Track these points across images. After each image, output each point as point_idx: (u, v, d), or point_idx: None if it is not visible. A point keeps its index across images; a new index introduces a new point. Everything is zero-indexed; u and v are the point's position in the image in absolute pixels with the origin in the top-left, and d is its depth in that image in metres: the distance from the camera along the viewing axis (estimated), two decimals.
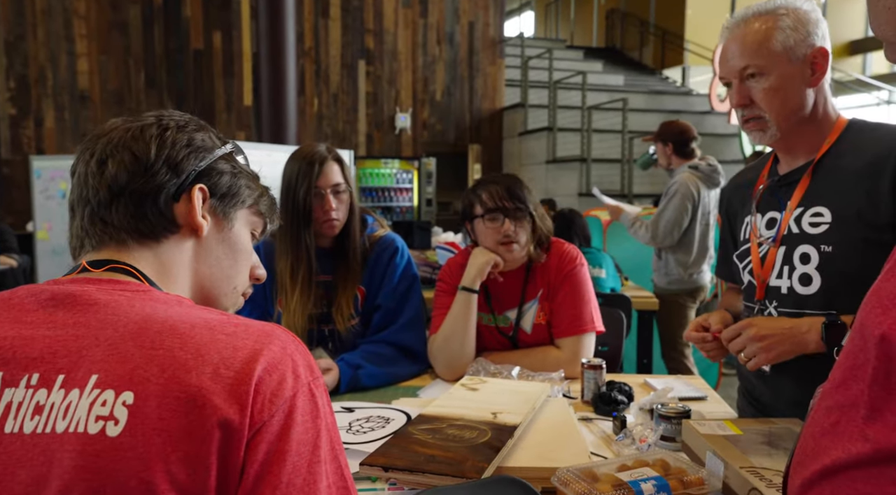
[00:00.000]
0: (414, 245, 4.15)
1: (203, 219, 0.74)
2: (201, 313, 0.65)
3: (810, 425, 0.55)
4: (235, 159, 0.79)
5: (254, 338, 0.61)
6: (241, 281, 0.81)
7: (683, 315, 3.24)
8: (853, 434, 0.48)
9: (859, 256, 1.11)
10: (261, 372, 0.58)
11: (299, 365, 0.62)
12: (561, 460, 1.05)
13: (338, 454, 0.63)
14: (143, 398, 0.56)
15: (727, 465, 0.98)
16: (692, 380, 1.68)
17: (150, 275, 0.71)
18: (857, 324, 0.52)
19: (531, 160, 8.15)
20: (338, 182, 1.63)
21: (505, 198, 1.63)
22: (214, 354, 0.59)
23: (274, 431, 0.57)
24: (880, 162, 1.11)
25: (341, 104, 8.25)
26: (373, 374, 1.58)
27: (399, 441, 1.08)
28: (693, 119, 8.43)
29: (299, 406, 0.59)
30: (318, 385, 0.63)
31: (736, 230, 1.39)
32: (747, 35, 1.18)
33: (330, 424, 0.63)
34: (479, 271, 1.64)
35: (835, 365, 0.55)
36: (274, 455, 0.57)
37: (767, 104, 1.18)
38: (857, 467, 0.47)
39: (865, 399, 0.47)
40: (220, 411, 0.56)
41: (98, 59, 7.33)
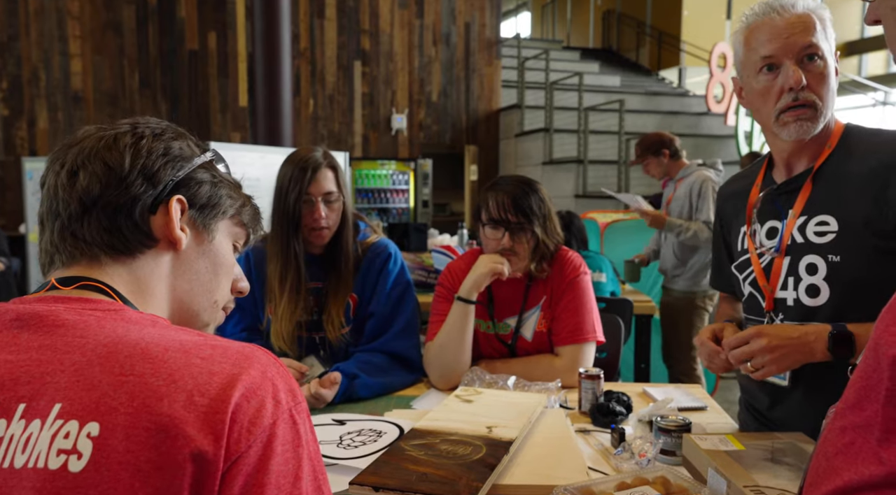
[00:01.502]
0: (410, 247, 4.13)
1: (182, 231, 0.70)
2: (176, 335, 0.61)
3: (823, 444, 0.54)
4: (215, 168, 0.75)
5: (231, 362, 0.57)
6: (222, 295, 0.76)
7: (700, 317, 3.27)
8: (866, 455, 0.47)
9: (869, 265, 1.08)
10: (238, 399, 0.55)
11: (280, 389, 0.58)
12: (558, 477, 1.02)
13: (321, 484, 0.59)
14: (110, 429, 0.52)
15: (730, 483, 0.95)
16: (691, 389, 1.64)
17: (124, 292, 0.67)
18: (871, 342, 0.51)
19: (528, 161, 8.12)
20: (330, 190, 1.59)
21: (510, 210, 1.59)
22: (189, 380, 0.55)
23: (251, 463, 0.54)
24: (886, 168, 1.08)
25: (337, 105, 8.21)
26: (368, 385, 1.54)
27: (391, 457, 1.05)
28: (689, 120, 8.44)
29: (279, 434, 0.56)
30: (299, 410, 0.59)
31: (730, 240, 1.36)
32: (804, 17, 1.12)
33: (312, 452, 0.59)
34: (475, 283, 1.60)
35: (848, 384, 0.53)
36: (252, 488, 0.53)
37: (823, 90, 1.13)
38: (870, 489, 0.46)
39: (880, 420, 0.46)
40: (192, 442, 0.52)
41: (92, 59, 7.27)
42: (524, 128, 8.26)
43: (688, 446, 1.12)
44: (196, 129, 3.65)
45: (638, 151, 3.44)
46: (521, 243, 1.60)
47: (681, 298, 3.28)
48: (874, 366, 0.49)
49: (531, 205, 1.60)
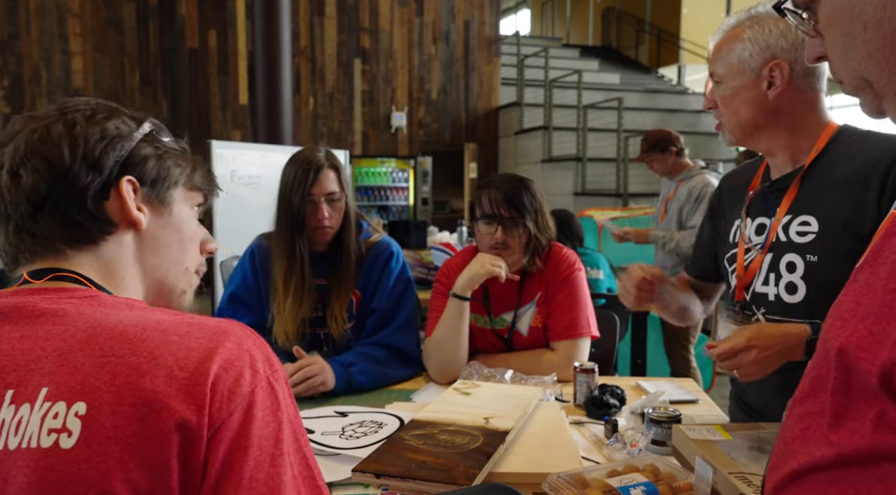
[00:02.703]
0: (410, 244, 4.17)
1: (139, 211, 0.70)
2: (153, 315, 0.63)
3: (783, 431, 0.58)
4: (158, 138, 0.74)
5: (208, 337, 0.60)
6: (192, 260, 0.78)
7: None
8: (819, 439, 0.50)
9: (843, 267, 1.10)
10: (217, 371, 0.58)
11: (257, 359, 0.61)
12: (552, 466, 1.06)
13: (302, 445, 0.62)
14: (97, 407, 0.56)
15: (716, 471, 0.99)
16: (684, 383, 1.69)
17: (96, 278, 0.68)
18: (821, 337, 0.55)
19: (527, 159, 8.16)
20: (333, 190, 1.64)
21: (503, 205, 1.63)
22: (168, 357, 0.58)
23: (234, 428, 0.57)
24: (868, 171, 1.11)
25: (337, 103, 8.24)
26: (365, 371, 1.58)
27: (391, 447, 1.09)
28: (688, 118, 8.47)
29: (259, 401, 0.59)
30: (277, 378, 0.62)
31: (722, 230, 1.39)
32: (718, 43, 1.24)
33: (292, 415, 0.62)
34: (469, 281, 1.63)
35: (804, 375, 0.57)
36: (235, 451, 0.57)
37: (723, 111, 1.25)
38: (821, 470, 0.49)
39: (829, 407, 0.50)
40: (176, 414, 0.55)
41: (92, 57, 7.30)
42: (523, 126, 8.29)
43: (677, 436, 1.16)
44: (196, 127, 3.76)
45: (644, 147, 3.44)
46: (514, 237, 1.65)
47: None
48: (823, 357, 0.52)
49: (523, 201, 1.65)
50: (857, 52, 0.55)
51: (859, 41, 0.55)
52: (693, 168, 3.28)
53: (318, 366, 1.52)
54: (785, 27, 1.15)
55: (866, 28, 0.53)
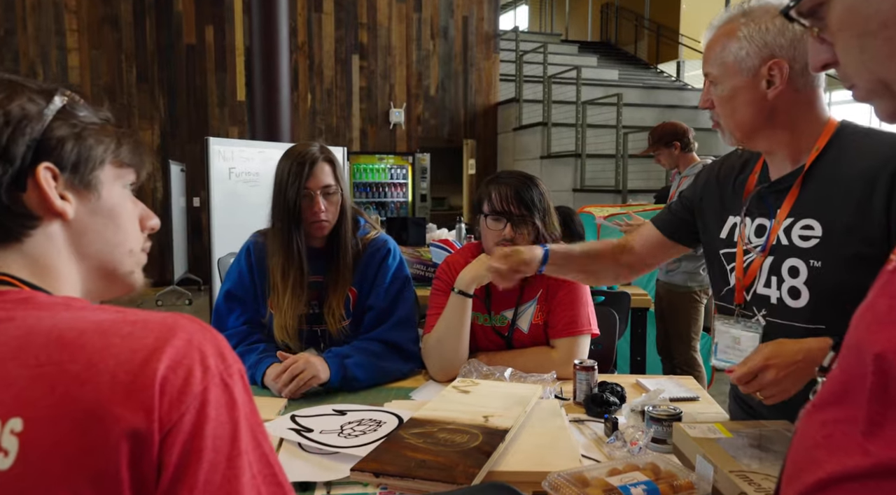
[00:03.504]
0: (408, 241, 4.15)
1: (63, 200, 0.63)
2: (93, 315, 0.58)
3: (802, 439, 0.55)
4: (73, 113, 0.65)
5: (154, 335, 0.56)
6: (134, 241, 0.71)
7: (697, 310, 3.32)
8: (850, 448, 0.48)
9: (849, 272, 1.09)
10: (164, 371, 0.54)
11: (208, 355, 0.57)
12: (552, 464, 1.05)
13: (261, 442, 0.59)
14: (34, 422, 0.51)
15: (716, 469, 0.99)
16: (684, 380, 1.68)
17: (27, 277, 0.62)
18: (850, 341, 0.53)
19: (526, 155, 8.15)
20: (328, 184, 1.63)
21: (512, 202, 1.63)
22: (109, 360, 0.53)
23: (186, 430, 0.53)
24: (874, 174, 1.07)
25: (335, 99, 8.22)
26: (361, 364, 1.56)
27: (390, 445, 1.08)
28: (687, 114, 8.44)
29: (212, 399, 0.55)
30: (231, 373, 0.58)
31: (709, 218, 1.36)
32: (711, 41, 1.20)
33: (249, 413, 0.58)
34: (474, 278, 1.62)
35: (827, 381, 0.55)
36: (189, 454, 0.53)
37: (721, 111, 1.21)
38: (854, 480, 0.47)
39: (864, 414, 0.48)
40: (123, 421, 0.52)
41: (89, 54, 7.28)
42: (522, 122, 8.28)
43: (677, 434, 1.15)
44: (194, 124, 3.75)
45: (650, 141, 3.44)
46: (522, 234, 1.64)
47: (679, 292, 3.31)
48: (855, 363, 0.50)
49: (533, 198, 1.64)
50: (877, 52, 0.53)
51: (879, 40, 0.53)
52: (697, 164, 3.26)
53: (302, 362, 1.50)
54: (782, 24, 1.11)
55: (886, 26, 0.51)
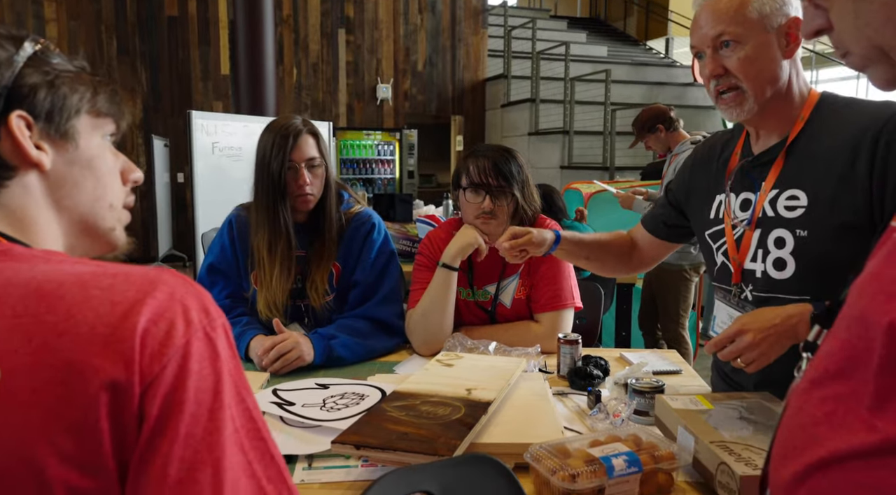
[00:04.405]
0: (395, 217, 4.13)
1: (38, 150, 0.62)
2: (72, 268, 0.57)
3: (795, 416, 0.54)
4: (46, 61, 0.63)
5: (135, 289, 0.55)
6: (115, 195, 0.69)
7: (687, 288, 3.34)
8: (855, 424, 0.46)
9: (835, 242, 1.10)
10: (145, 324, 0.53)
11: (191, 309, 0.56)
12: (534, 436, 1.05)
13: (244, 397, 0.58)
14: (11, 373, 0.51)
15: (697, 440, 0.99)
16: (667, 354, 1.69)
17: (4, 229, 0.61)
18: (854, 312, 0.51)
19: (514, 132, 8.10)
20: (312, 156, 1.60)
21: (490, 174, 1.62)
22: (89, 312, 0.53)
23: (168, 383, 0.53)
24: (856, 142, 1.07)
25: (321, 74, 8.10)
26: (347, 344, 1.56)
27: (372, 418, 1.08)
28: (675, 91, 8.44)
29: (194, 352, 0.54)
30: (215, 327, 0.57)
31: (697, 203, 1.37)
32: (721, 1, 1.14)
33: (233, 368, 0.57)
34: (460, 250, 1.62)
35: (822, 355, 0.53)
36: (170, 407, 0.53)
37: (744, 73, 1.14)
38: (859, 457, 0.46)
39: (871, 389, 0.46)
40: (102, 372, 0.51)
41: (67, 24, 7.09)
42: (510, 99, 8.21)
43: (660, 406, 1.15)
44: (177, 98, 3.66)
45: (635, 132, 3.46)
46: (502, 206, 1.63)
47: (669, 269, 3.32)
48: (860, 335, 0.48)
49: (511, 170, 1.63)
50: (874, 17, 0.52)
51: (875, 5, 0.51)
52: (684, 143, 3.27)
53: (291, 341, 1.49)
54: None
55: None
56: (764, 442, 0.96)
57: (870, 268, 0.52)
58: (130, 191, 0.72)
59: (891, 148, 1.04)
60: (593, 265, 1.56)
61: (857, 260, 0.60)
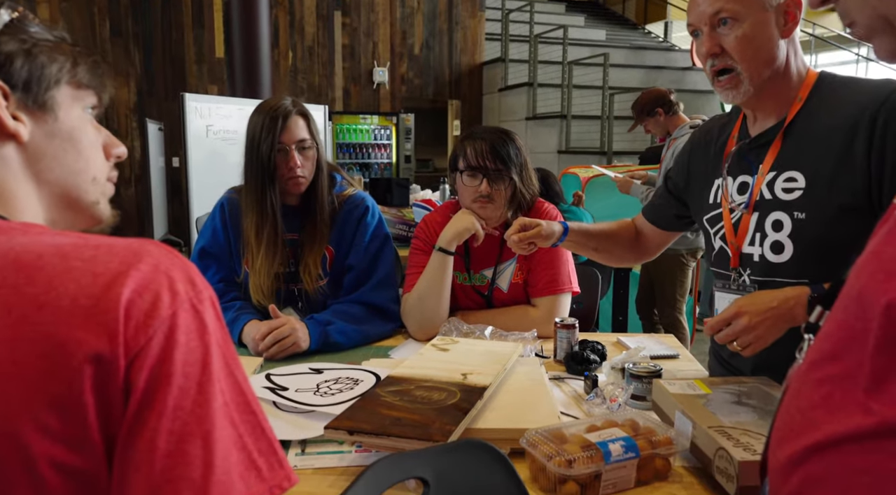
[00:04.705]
0: (392, 202, 4.10)
1: (16, 120, 0.60)
2: (53, 239, 0.55)
3: (795, 399, 0.53)
4: (23, 28, 0.62)
5: (118, 260, 0.53)
6: (98, 168, 0.67)
7: (684, 272, 3.34)
8: (851, 407, 0.46)
9: (833, 224, 1.08)
10: (129, 295, 0.51)
11: (177, 280, 0.54)
12: (530, 421, 1.04)
13: (233, 370, 0.56)
14: None
15: (695, 425, 0.98)
16: (664, 338, 1.68)
17: None
18: (852, 292, 0.50)
19: (511, 116, 8.04)
20: (303, 138, 1.57)
21: (487, 157, 1.59)
22: (70, 284, 0.51)
23: (154, 354, 0.51)
24: (854, 122, 1.06)
25: (317, 57, 8.01)
26: (343, 330, 1.54)
27: (366, 403, 1.06)
28: (674, 75, 8.37)
29: (181, 324, 0.53)
30: (202, 299, 0.56)
31: (696, 188, 1.35)
32: None
33: (221, 340, 0.56)
34: (456, 235, 1.60)
35: (820, 336, 0.52)
36: (158, 379, 0.51)
37: (740, 54, 1.12)
38: (855, 441, 0.45)
39: (867, 370, 0.45)
40: (86, 345, 0.50)
41: (59, 6, 6.98)
42: (508, 83, 8.15)
43: (657, 391, 1.14)
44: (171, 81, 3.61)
45: (634, 115, 3.44)
46: (499, 190, 1.61)
47: (666, 254, 3.32)
48: (857, 315, 0.47)
49: (509, 153, 1.60)
50: None
51: None
52: (683, 127, 3.24)
53: (288, 327, 1.47)
54: None
55: None
56: (762, 426, 0.95)
57: (870, 247, 0.51)
58: (114, 167, 0.70)
59: (889, 126, 1.02)
60: (602, 256, 1.54)
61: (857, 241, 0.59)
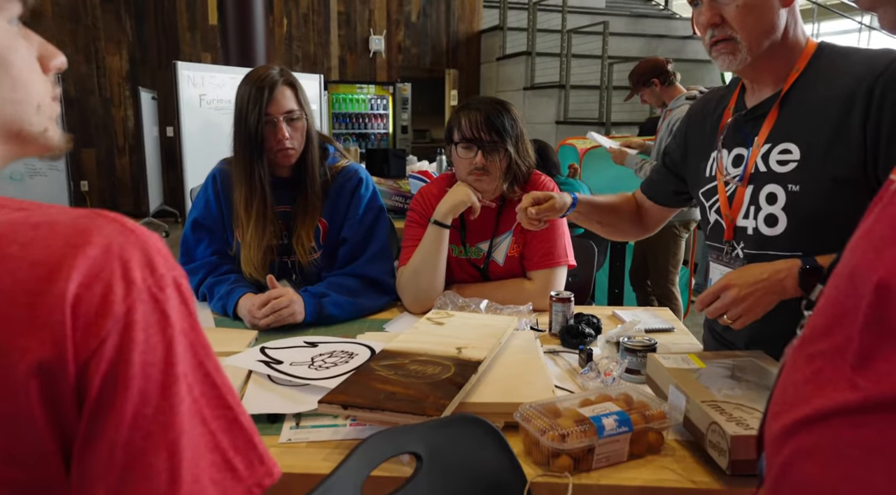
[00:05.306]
0: (389, 173, 4.06)
1: None
2: None
3: (789, 373, 0.53)
4: None
5: (63, 242, 0.45)
6: (40, 92, 0.57)
7: (677, 244, 3.34)
8: (839, 381, 0.46)
9: (827, 196, 1.07)
10: (76, 290, 0.44)
11: (133, 266, 0.47)
12: (524, 395, 1.04)
13: (203, 361, 0.50)
14: None
15: (689, 399, 0.98)
16: (660, 312, 1.68)
17: None
18: (844, 269, 0.49)
19: (509, 86, 7.94)
20: (291, 108, 1.54)
21: (482, 128, 1.56)
22: (5, 278, 0.44)
23: (108, 358, 0.45)
24: (851, 93, 1.04)
25: (312, 25, 7.87)
26: (338, 303, 1.54)
27: (360, 377, 1.06)
28: (674, 44, 8.25)
29: (139, 320, 0.46)
30: (163, 286, 0.48)
31: (693, 161, 1.34)
32: None
33: (188, 329, 0.50)
34: (452, 208, 1.59)
35: (814, 312, 0.52)
36: (114, 386, 0.45)
37: (740, 23, 1.10)
38: (842, 415, 0.45)
39: (855, 346, 0.45)
40: (29, 354, 0.43)
41: None
42: (506, 52, 8.02)
43: (651, 365, 1.14)
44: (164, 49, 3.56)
45: (631, 84, 3.40)
46: (494, 162, 1.59)
47: None
48: (848, 291, 0.47)
49: (504, 124, 1.58)
50: None
51: None
52: (679, 98, 3.20)
53: (286, 298, 1.47)
54: None
55: None
56: (756, 401, 0.96)
57: (864, 225, 0.51)
58: (57, 82, 0.60)
59: (886, 97, 1.01)
60: (606, 230, 1.52)
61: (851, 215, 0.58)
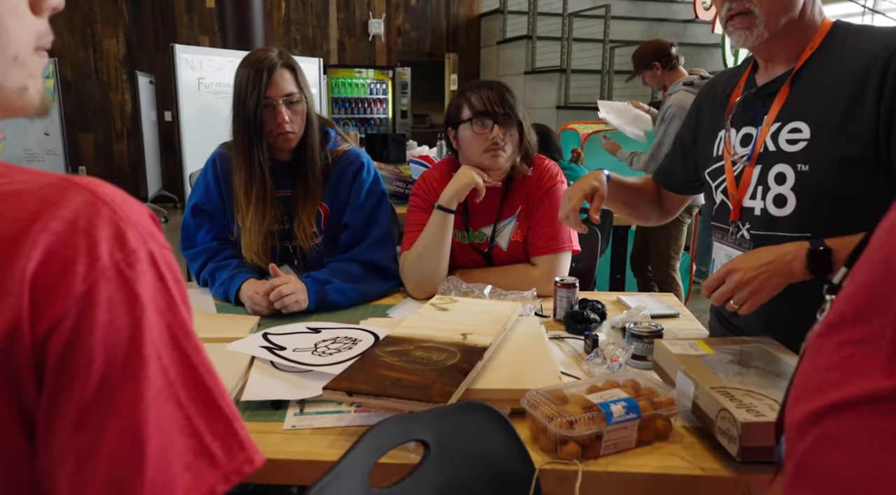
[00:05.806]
0: (389, 158, 4.04)
1: None
2: None
3: (814, 359, 0.52)
4: None
5: (27, 216, 0.43)
6: (19, 42, 0.50)
7: (678, 229, 3.34)
8: (871, 369, 0.45)
9: (836, 176, 1.05)
10: (35, 267, 0.42)
11: (100, 240, 0.44)
12: (531, 382, 1.03)
13: (181, 340, 0.48)
14: None
15: (697, 385, 0.97)
16: (665, 297, 1.67)
17: None
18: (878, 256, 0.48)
19: (510, 70, 7.88)
20: (290, 91, 1.51)
21: (496, 103, 1.56)
22: None
23: (63, 340, 0.43)
24: (865, 70, 1.02)
25: (310, 8, 7.79)
26: (341, 289, 1.53)
27: (365, 364, 1.05)
28: (676, 28, 8.18)
29: (101, 300, 0.43)
30: (133, 262, 0.45)
31: (703, 143, 1.32)
32: None
33: (164, 307, 0.47)
34: (456, 192, 1.57)
35: (842, 297, 0.51)
36: (71, 369, 0.43)
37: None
38: (872, 403, 0.45)
39: (889, 334, 0.44)
40: None
41: None
42: (506, 35, 7.95)
43: (658, 351, 1.13)
44: (161, 32, 3.51)
45: (633, 66, 3.37)
46: (511, 135, 1.59)
47: None
48: (881, 278, 0.46)
49: (514, 100, 1.59)
50: None
51: None
52: (678, 82, 3.16)
53: (291, 285, 1.45)
54: None
55: None
56: (765, 387, 0.95)
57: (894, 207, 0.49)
58: (50, 29, 0.53)
59: None
60: (630, 211, 1.49)
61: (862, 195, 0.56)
